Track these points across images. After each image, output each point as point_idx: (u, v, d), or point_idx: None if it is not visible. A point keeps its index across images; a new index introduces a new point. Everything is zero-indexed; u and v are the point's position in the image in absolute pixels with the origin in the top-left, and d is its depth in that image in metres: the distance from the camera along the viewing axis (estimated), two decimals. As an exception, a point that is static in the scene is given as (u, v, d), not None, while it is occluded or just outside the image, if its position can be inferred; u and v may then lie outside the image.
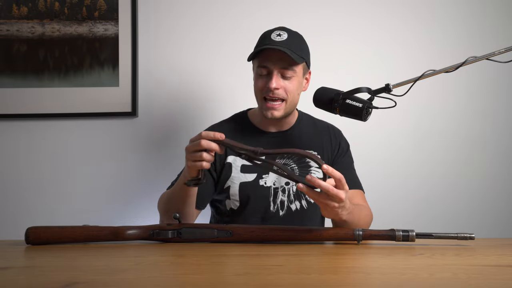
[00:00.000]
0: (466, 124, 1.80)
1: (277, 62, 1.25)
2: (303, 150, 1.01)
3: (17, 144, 1.77)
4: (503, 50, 1.11)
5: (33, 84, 1.75)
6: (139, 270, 0.81)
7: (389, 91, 1.13)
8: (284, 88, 1.27)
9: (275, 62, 1.25)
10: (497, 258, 0.91)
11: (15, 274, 0.79)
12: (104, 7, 1.76)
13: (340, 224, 1.12)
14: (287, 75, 1.26)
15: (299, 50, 1.26)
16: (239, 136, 1.34)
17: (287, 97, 1.28)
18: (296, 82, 1.29)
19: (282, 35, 1.26)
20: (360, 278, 0.77)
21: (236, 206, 1.33)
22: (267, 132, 1.38)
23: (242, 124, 1.40)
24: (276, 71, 1.26)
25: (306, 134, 1.39)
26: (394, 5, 1.81)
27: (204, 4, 1.80)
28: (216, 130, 1.13)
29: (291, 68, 1.26)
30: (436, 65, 1.26)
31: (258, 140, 1.35)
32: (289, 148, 1.33)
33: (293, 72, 1.27)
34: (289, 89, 1.27)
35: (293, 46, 1.25)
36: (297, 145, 1.36)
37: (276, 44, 1.24)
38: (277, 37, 1.25)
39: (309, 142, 1.37)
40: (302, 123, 1.41)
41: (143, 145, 1.77)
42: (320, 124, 1.44)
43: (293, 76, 1.27)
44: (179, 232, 1.07)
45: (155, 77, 1.78)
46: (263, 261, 0.89)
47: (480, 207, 1.78)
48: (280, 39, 1.25)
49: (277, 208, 1.31)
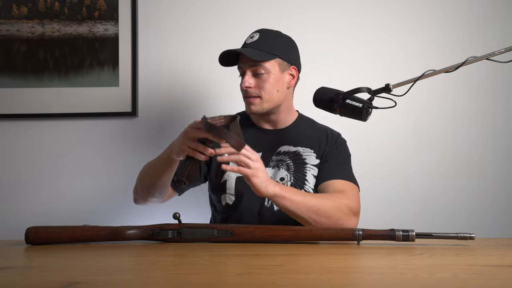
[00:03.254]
0: (466, 124, 1.80)
1: (246, 62, 1.31)
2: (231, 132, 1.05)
3: (17, 144, 1.77)
4: (503, 50, 1.10)
5: (33, 84, 1.75)
6: (139, 270, 0.81)
7: (389, 91, 1.13)
8: (257, 86, 1.32)
9: (245, 62, 1.32)
10: (497, 258, 0.91)
11: (15, 274, 0.79)
12: (104, 7, 1.76)
13: (287, 212, 1.17)
14: (258, 72, 1.31)
15: (269, 48, 1.31)
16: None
17: (261, 93, 1.32)
18: (271, 78, 1.32)
19: (255, 36, 1.33)
20: (360, 278, 0.77)
21: (232, 200, 1.34)
22: (264, 129, 1.41)
23: (243, 121, 1.42)
24: (247, 70, 1.32)
25: (303, 133, 1.40)
26: (394, 5, 1.81)
27: (204, 4, 1.80)
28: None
29: (259, 65, 1.30)
30: (436, 65, 1.26)
31: (256, 136, 1.39)
32: (286, 145, 1.34)
33: (263, 69, 1.31)
34: (262, 85, 1.31)
35: (263, 45, 1.31)
36: (293, 142, 1.37)
37: (247, 45, 1.32)
38: (249, 40, 1.34)
39: (305, 140, 1.38)
40: (300, 124, 1.42)
41: (143, 145, 1.77)
42: (319, 126, 1.45)
43: (265, 73, 1.31)
44: (179, 232, 1.07)
45: (155, 77, 1.78)
46: (263, 261, 0.89)
47: (480, 207, 1.78)
48: (251, 41, 1.32)
49: (272, 203, 1.31)
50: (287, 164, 1.35)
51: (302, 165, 1.35)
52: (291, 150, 1.36)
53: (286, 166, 1.34)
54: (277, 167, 1.35)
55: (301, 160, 1.35)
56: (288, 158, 1.36)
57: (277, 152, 1.37)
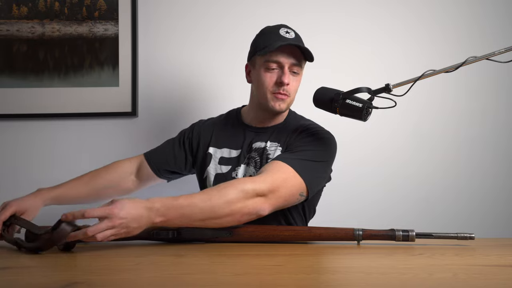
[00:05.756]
0: (466, 124, 1.80)
1: (290, 58, 1.25)
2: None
3: (17, 144, 1.77)
4: (503, 50, 1.10)
5: (33, 84, 1.75)
6: (139, 270, 0.81)
7: (389, 91, 1.13)
8: (291, 85, 1.28)
9: (288, 57, 1.25)
10: (497, 258, 0.91)
11: (15, 274, 0.79)
12: (104, 7, 1.75)
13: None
14: (296, 71, 1.27)
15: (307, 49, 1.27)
16: (227, 129, 1.39)
17: (291, 93, 1.29)
18: (299, 79, 1.31)
19: (290, 32, 1.28)
20: (360, 278, 0.77)
21: None
22: (251, 126, 1.36)
23: (232, 119, 1.43)
24: (287, 66, 1.26)
25: (280, 129, 1.34)
26: (394, 5, 1.81)
27: (204, 4, 1.80)
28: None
29: (300, 64, 1.27)
30: (436, 65, 1.25)
31: (240, 134, 1.36)
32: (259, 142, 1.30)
33: (300, 69, 1.29)
34: (294, 86, 1.29)
35: (301, 43, 1.27)
36: (265, 138, 1.32)
37: (289, 40, 1.25)
38: (286, 34, 1.26)
39: (275, 135, 1.32)
40: (288, 121, 1.37)
41: (143, 145, 1.76)
42: (302, 122, 1.36)
43: (299, 73, 1.29)
44: (179, 232, 1.07)
45: (155, 77, 1.78)
46: (263, 261, 0.89)
47: (480, 207, 1.78)
48: (291, 37, 1.26)
49: None
50: (255, 160, 1.31)
51: (266, 161, 1.28)
52: (261, 146, 1.32)
53: (254, 163, 1.30)
54: (247, 164, 1.31)
55: (265, 155, 1.30)
56: (257, 155, 1.31)
57: (249, 148, 1.33)
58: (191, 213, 1.00)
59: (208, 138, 1.40)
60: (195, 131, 1.43)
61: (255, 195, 1.04)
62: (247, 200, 1.03)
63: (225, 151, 1.36)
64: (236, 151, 1.34)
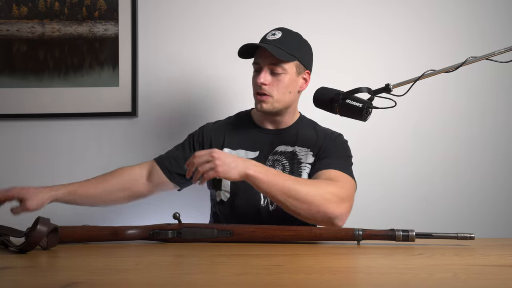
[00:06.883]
0: (466, 124, 1.80)
1: (266, 58, 1.29)
2: None
3: (17, 144, 1.77)
4: (503, 50, 1.10)
5: (33, 84, 1.75)
6: (139, 270, 0.81)
7: (389, 91, 1.13)
8: (272, 84, 1.30)
9: (264, 58, 1.30)
10: (497, 258, 0.91)
11: (15, 274, 0.79)
12: (104, 7, 1.75)
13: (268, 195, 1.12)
14: (276, 71, 1.30)
15: (290, 49, 1.29)
16: (239, 130, 1.40)
17: (274, 93, 1.31)
18: (287, 79, 1.31)
19: (277, 34, 1.31)
20: (360, 278, 0.77)
21: (227, 197, 1.34)
22: (264, 128, 1.40)
23: (243, 120, 1.44)
24: (265, 67, 1.30)
25: (302, 134, 1.39)
26: (394, 5, 1.81)
27: (204, 4, 1.80)
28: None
29: (279, 64, 1.29)
30: (436, 65, 1.25)
31: (255, 135, 1.38)
32: (283, 145, 1.34)
33: (282, 69, 1.30)
34: (277, 85, 1.31)
35: (285, 44, 1.29)
36: (290, 142, 1.36)
37: (267, 42, 1.29)
38: (271, 36, 1.31)
39: (302, 140, 1.36)
40: (300, 124, 1.41)
41: (143, 145, 1.77)
42: (319, 128, 1.43)
43: (283, 73, 1.30)
44: (179, 232, 1.07)
45: (155, 77, 1.78)
46: (263, 261, 0.89)
47: (480, 207, 1.78)
48: (273, 38, 1.30)
49: (267, 202, 1.31)
50: (282, 164, 1.34)
51: (297, 165, 1.34)
52: (288, 150, 1.36)
53: (282, 166, 1.33)
54: (272, 166, 1.34)
55: (296, 159, 1.34)
56: (284, 158, 1.35)
57: (274, 151, 1.36)
58: (280, 184, 1.10)
59: (221, 140, 1.40)
60: (206, 133, 1.42)
61: (335, 197, 1.12)
62: (327, 200, 1.11)
63: (240, 152, 1.36)
64: (254, 153, 1.35)
